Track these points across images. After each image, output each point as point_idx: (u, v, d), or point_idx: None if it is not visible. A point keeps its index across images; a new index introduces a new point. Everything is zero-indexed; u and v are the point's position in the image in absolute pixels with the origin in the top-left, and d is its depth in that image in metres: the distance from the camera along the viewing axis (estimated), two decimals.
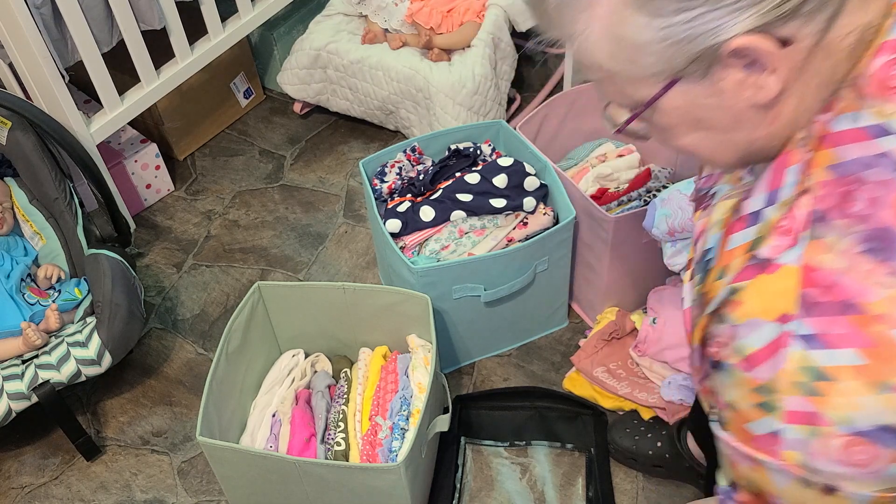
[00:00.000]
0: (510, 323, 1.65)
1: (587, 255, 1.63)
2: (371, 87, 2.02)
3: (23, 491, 1.58)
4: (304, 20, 2.19)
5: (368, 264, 1.91)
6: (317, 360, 1.60)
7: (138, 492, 1.56)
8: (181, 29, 1.87)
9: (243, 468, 1.32)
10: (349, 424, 1.44)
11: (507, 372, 1.68)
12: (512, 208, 1.57)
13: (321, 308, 1.52)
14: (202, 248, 1.99)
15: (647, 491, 1.47)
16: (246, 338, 1.48)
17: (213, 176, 2.16)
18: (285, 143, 2.23)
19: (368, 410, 1.44)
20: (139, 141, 2.05)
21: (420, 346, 1.49)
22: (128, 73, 1.85)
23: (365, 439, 1.41)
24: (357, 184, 2.09)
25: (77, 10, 1.65)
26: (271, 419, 1.47)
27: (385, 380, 1.48)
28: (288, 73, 2.12)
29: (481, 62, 1.91)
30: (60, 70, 1.69)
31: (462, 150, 1.70)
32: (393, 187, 1.66)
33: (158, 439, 1.64)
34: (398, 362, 1.50)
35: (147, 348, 1.79)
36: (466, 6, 1.99)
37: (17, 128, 1.62)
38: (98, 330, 1.51)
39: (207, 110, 2.21)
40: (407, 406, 1.41)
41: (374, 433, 1.40)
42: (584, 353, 1.62)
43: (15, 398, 1.47)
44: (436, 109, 1.91)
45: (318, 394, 1.50)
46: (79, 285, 1.65)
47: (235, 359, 1.45)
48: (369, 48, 1.99)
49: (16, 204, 1.74)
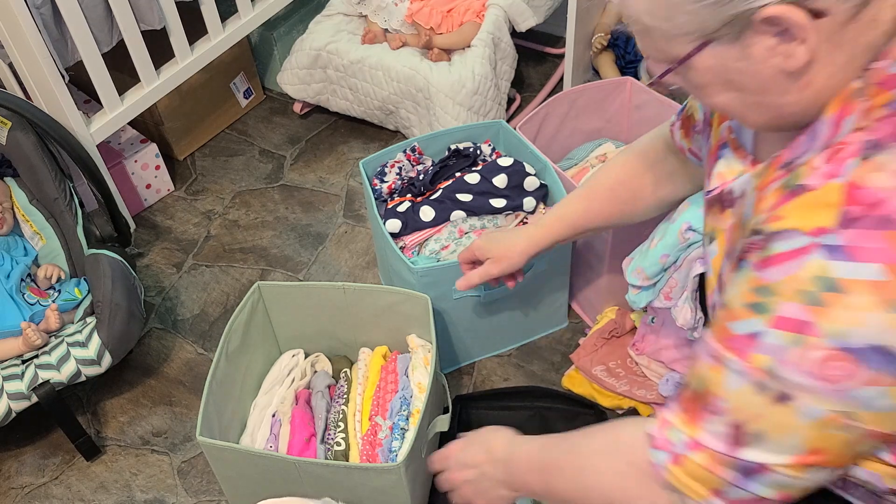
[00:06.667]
0: (510, 323, 1.65)
1: (587, 255, 1.63)
2: (371, 87, 2.02)
3: (23, 491, 1.58)
4: (304, 20, 2.19)
5: (368, 264, 1.91)
6: (317, 361, 1.60)
7: (138, 492, 1.56)
8: (181, 29, 1.87)
9: (243, 468, 1.32)
10: (349, 424, 1.44)
11: (507, 372, 1.68)
12: (512, 208, 1.57)
13: (321, 308, 1.52)
14: (202, 248, 1.99)
15: None
16: (246, 338, 1.48)
17: (213, 176, 2.16)
18: (285, 143, 2.23)
19: (368, 410, 1.44)
20: (139, 141, 2.05)
21: (420, 345, 1.49)
22: (128, 73, 1.85)
23: (365, 439, 1.40)
24: (357, 184, 2.09)
25: (77, 10, 1.65)
26: (271, 419, 1.47)
27: (385, 380, 1.48)
28: (288, 73, 2.12)
29: (481, 62, 1.91)
30: (60, 70, 1.69)
31: (462, 150, 1.70)
32: (393, 187, 1.66)
33: (158, 439, 1.64)
34: (398, 362, 1.50)
35: (147, 348, 1.79)
36: (466, 6, 1.99)
37: (17, 128, 1.62)
38: (98, 330, 1.51)
39: (207, 110, 2.21)
40: (407, 406, 1.41)
41: (373, 433, 1.40)
42: (583, 352, 1.62)
43: (15, 398, 1.47)
44: (436, 109, 1.91)
45: (318, 394, 1.50)
46: (79, 285, 1.65)
47: (235, 359, 1.45)
48: (369, 48, 2.00)
49: (16, 204, 1.74)
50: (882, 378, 0.61)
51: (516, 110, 2.17)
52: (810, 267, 0.62)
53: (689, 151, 1.05)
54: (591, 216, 1.20)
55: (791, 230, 0.64)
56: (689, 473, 0.72)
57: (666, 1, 0.65)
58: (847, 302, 0.61)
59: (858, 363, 0.61)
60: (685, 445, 0.72)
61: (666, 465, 0.73)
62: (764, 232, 0.67)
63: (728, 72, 0.68)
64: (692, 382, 0.73)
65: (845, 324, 0.61)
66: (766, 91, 0.68)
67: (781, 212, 0.65)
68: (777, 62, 0.65)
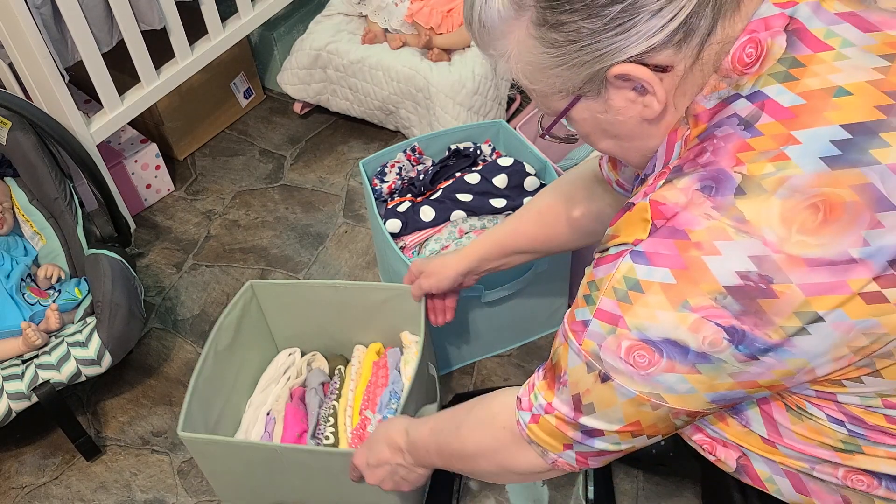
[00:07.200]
0: (510, 323, 1.65)
1: (587, 255, 1.63)
2: (371, 87, 2.02)
3: (23, 491, 1.58)
4: (304, 20, 2.19)
5: (368, 264, 1.91)
6: (313, 359, 1.59)
7: (138, 492, 1.56)
8: (181, 29, 1.87)
9: (228, 462, 1.31)
10: (339, 419, 1.43)
11: (507, 372, 1.68)
12: (512, 208, 1.57)
13: (315, 306, 1.52)
14: (202, 248, 1.99)
15: (646, 491, 1.47)
16: (238, 336, 1.47)
17: (213, 176, 2.16)
18: (285, 143, 2.23)
19: (359, 405, 1.44)
20: (139, 141, 2.05)
21: (413, 341, 1.49)
22: (128, 73, 1.85)
23: (354, 433, 1.40)
24: (357, 184, 2.09)
25: (77, 10, 1.65)
26: (266, 417, 1.47)
27: (376, 374, 1.48)
28: (288, 73, 2.13)
29: (481, 62, 1.91)
30: (60, 70, 1.69)
31: (462, 150, 1.70)
32: (393, 187, 1.66)
33: (158, 439, 1.64)
34: (389, 357, 1.50)
35: (147, 348, 1.79)
36: None
37: (17, 128, 1.62)
38: (98, 330, 1.51)
39: (207, 110, 2.21)
40: (396, 399, 1.41)
41: (363, 427, 1.40)
42: None
43: (15, 398, 1.47)
44: (436, 109, 1.91)
45: (312, 391, 1.50)
46: (79, 285, 1.65)
47: (226, 357, 1.44)
48: (369, 48, 2.00)
49: (16, 204, 1.74)
50: (676, 366, 0.72)
51: (516, 110, 2.17)
52: (622, 268, 0.72)
53: (617, 183, 1.13)
54: (517, 237, 1.27)
55: (620, 243, 0.74)
56: (546, 431, 0.85)
57: (534, 67, 0.76)
58: (645, 300, 0.71)
59: (656, 353, 0.72)
60: (542, 408, 0.85)
61: (528, 423, 0.87)
62: (605, 245, 0.77)
63: (600, 122, 0.79)
64: (553, 355, 0.84)
65: (644, 319, 0.71)
66: (635, 137, 0.79)
67: (617, 227, 0.76)
68: (637, 112, 0.76)
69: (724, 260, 0.67)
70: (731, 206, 0.67)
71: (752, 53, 0.71)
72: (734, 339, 0.68)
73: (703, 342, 0.69)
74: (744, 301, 0.67)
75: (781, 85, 0.69)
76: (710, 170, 0.69)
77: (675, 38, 0.70)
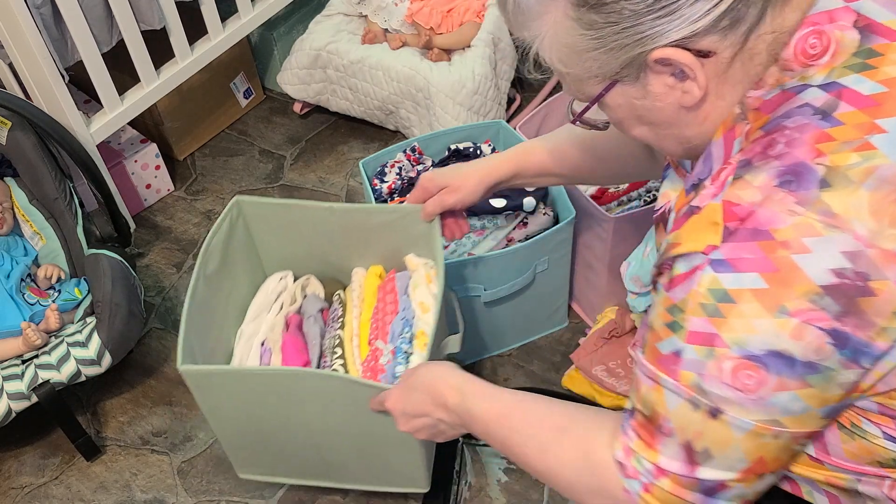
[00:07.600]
0: (510, 323, 1.65)
1: (587, 255, 1.63)
2: (371, 87, 2.02)
3: (23, 491, 1.58)
4: (304, 20, 2.19)
5: None
6: (307, 284, 1.45)
7: (138, 492, 1.56)
8: (181, 29, 1.87)
9: (233, 397, 1.20)
10: (346, 350, 1.32)
11: (507, 372, 1.68)
12: (512, 208, 1.57)
13: (308, 229, 1.38)
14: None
15: None
16: (226, 259, 1.33)
17: (213, 176, 2.16)
18: (285, 143, 2.23)
19: (367, 335, 1.32)
20: (139, 141, 2.05)
21: (421, 264, 1.35)
22: (128, 73, 1.85)
23: (365, 365, 1.28)
24: (357, 184, 2.09)
25: (77, 10, 1.65)
26: (260, 348, 1.35)
27: (383, 300, 1.34)
28: (288, 73, 2.13)
29: (481, 62, 1.91)
30: (60, 70, 1.69)
31: (462, 150, 1.70)
32: (393, 187, 1.66)
33: (158, 439, 1.64)
34: (397, 281, 1.36)
35: (147, 348, 1.79)
36: (466, 6, 1.99)
37: (17, 128, 1.62)
38: (98, 330, 1.51)
39: (207, 110, 2.21)
40: (409, 328, 1.28)
41: (374, 358, 1.27)
42: (583, 351, 1.62)
43: (15, 398, 1.47)
44: (436, 109, 1.91)
45: (311, 319, 1.38)
46: (79, 285, 1.65)
47: (215, 282, 1.31)
48: (369, 48, 2.00)
49: (16, 204, 1.74)
50: (787, 382, 0.65)
51: (516, 110, 2.17)
52: (704, 281, 0.66)
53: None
54: (563, 161, 1.16)
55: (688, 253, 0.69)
56: (661, 500, 0.73)
57: (570, 50, 0.72)
58: (739, 310, 0.65)
59: (762, 369, 0.65)
60: (650, 473, 0.74)
61: (640, 493, 0.75)
62: (668, 255, 0.71)
63: (636, 108, 0.76)
64: (639, 406, 0.75)
65: (742, 331, 0.65)
66: (672, 124, 0.76)
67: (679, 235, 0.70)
68: (675, 98, 0.72)
69: (816, 258, 0.62)
70: (817, 199, 0.63)
71: (817, 45, 0.68)
72: (838, 342, 0.63)
73: (807, 349, 0.64)
74: (842, 301, 0.62)
75: (859, 74, 0.66)
76: (786, 162, 0.65)
77: (720, 24, 0.67)
